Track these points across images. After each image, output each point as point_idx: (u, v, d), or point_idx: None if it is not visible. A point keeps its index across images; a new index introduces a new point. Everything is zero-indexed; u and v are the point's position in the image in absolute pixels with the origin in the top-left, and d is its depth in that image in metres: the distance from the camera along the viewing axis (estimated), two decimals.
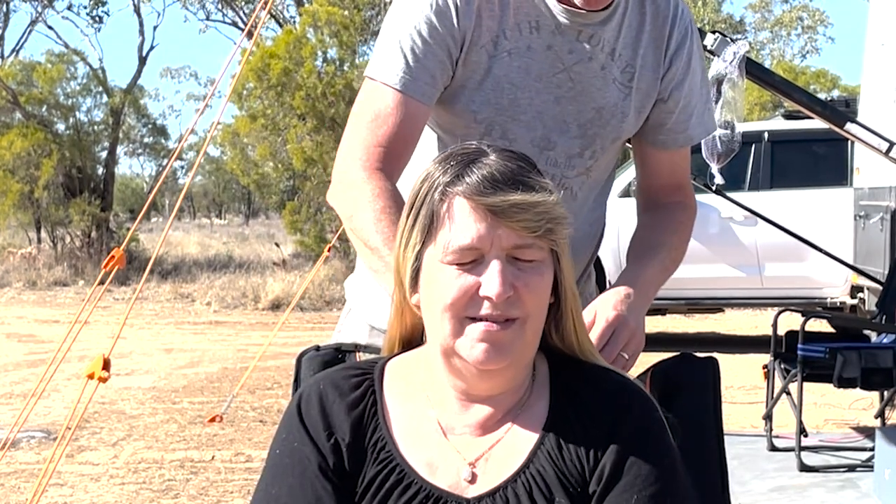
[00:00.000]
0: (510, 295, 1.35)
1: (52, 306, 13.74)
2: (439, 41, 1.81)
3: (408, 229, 1.42)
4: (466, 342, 1.37)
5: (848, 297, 9.45)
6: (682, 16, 1.95)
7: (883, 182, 7.73)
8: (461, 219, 1.37)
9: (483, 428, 1.43)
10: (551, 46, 1.87)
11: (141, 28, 20.69)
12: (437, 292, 1.38)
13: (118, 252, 4.73)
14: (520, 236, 1.36)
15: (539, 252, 1.38)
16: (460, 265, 1.36)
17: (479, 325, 1.36)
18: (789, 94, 4.67)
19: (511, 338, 1.37)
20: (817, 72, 24.16)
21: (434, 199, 1.39)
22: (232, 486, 5.23)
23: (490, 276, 1.35)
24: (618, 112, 1.92)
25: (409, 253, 1.42)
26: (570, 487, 1.39)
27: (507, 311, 1.36)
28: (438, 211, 1.38)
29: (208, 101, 7.15)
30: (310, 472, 1.41)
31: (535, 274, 1.38)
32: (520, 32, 1.86)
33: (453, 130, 1.91)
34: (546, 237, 1.38)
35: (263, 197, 20.35)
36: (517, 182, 1.37)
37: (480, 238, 1.36)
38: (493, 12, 1.84)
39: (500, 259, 1.36)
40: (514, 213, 1.35)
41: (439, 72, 1.83)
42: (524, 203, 1.35)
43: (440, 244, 1.38)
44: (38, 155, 17.25)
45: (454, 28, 1.82)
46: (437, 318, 1.38)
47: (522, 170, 1.39)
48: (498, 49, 1.85)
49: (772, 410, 5.51)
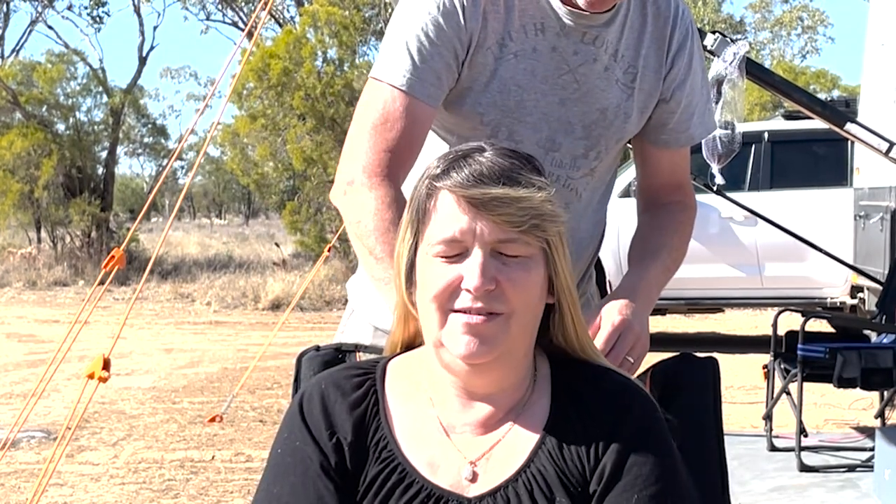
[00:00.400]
0: (491, 288, 1.36)
1: (52, 306, 13.74)
2: (446, 42, 1.81)
3: (404, 227, 1.44)
4: (450, 334, 1.38)
5: (848, 297, 9.45)
6: (683, 16, 1.96)
7: (883, 182, 7.73)
8: (445, 212, 1.39)
9: (484, 427, 1.43)
10: (556, 48, 1.87)
11: (141, 28, 20.71)
12: (425, 285, 1.40)
13: (118, 252, 4.73)
14: (502, 230, 1.37)
15: (525, 248, 1.39)
16: (446, 258, 1.38)
17: (462, 318, 1.37)
18: (789, 94, 4.67)
19: (494, 331, 1.37)
20: (817, 72, 24.16)
21: (422, 194, 1.41)
22: (232, 486, 5.23)
23: (471, 267, 1.37)
24: (621, 113, 1.92)
25: (404, 249, 1.44)
26: (571, 487, 1.39)
27: (489, 305, 1.37)
28: (426, 205, 1.41)
29: (208, 101, 7.15)
30: (311, 471, 1.41)
31: (521, 269, 1.38)
32: (525, 34, 1.86)
33: (459, 132, 1.91)
34: (532, 233, 1.38)
35: (263, 197, 20.33)
36: (502, 177, 1.38)
37: (462, 231, 1.37)
38: (498, 14, 1.84)
39: (484, 252, 1.37)
40: (495, 206, 1.37)
41: (445, 73, 1.83)
42: (505, 197, 1.37)
43: (427, 238, 1.40)
44: (38, 155, 17.25)
45: (461, 30, 1.82)
46: (427, 311, 1.40)
47: (514, 166, 1.40)
48: (504, 51, 1.85)
49: (772, 410, 5.51)
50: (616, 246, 9.50)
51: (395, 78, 1.81)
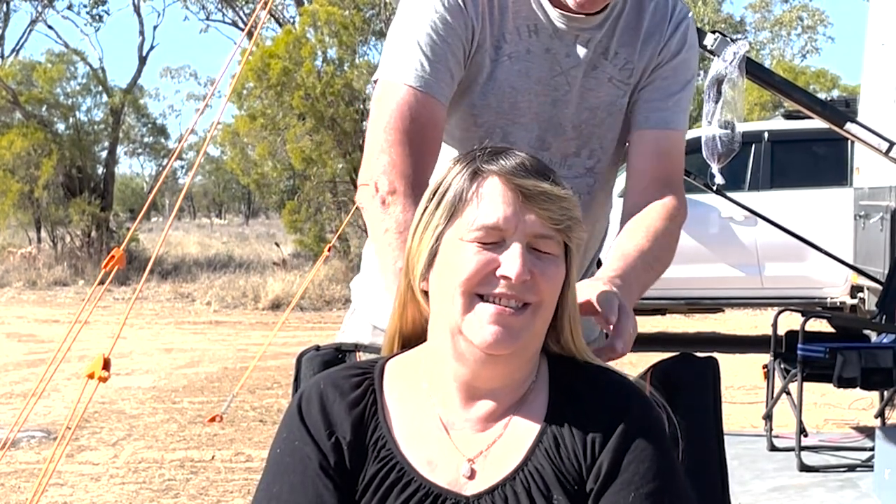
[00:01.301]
0: (527, 279, 1.38)
1: (52, 306, 13.74)
2: (455, 39, 1.81)
3: (428, 213, 1.44)
4: (475, 323, 1.38)
5: (848, 296, 9.45)
6: (680, 11, 1.96)
7: (883, 182, 7.74)
8: (491, 197, 1.40)
9: (483, 424, 1.44)
10: (549, 50, 1.88)
11: (141, 28, 20.72)
12: (453, 269, 1.40)
13: (118, 252, 4.73)
14: (543, 225, 1.40)
15: (556, 247, 1.41)
16: (482, 244, 1.39)
17: (491, 307, 1.38)
18: (789, 93, 4.67)
19: (523, 323, 1.39)
20: (817, 72, 24.15)
21: (464, 179, 1.42)
22: (232, 486, 5.23)
23: (511, 256, 1.38)
24: (614, 110, 1.93)
25: (427, 235, 1.43)
26: (568, 485, 1.40)
27: (522, 295, 1.38)
28: (467, 190, 1.41)
29: (208, 101, 7.15)
30: (311, 470, 1.42)
31: (552, 265, 1.41)
32: (519, 36, 1.87)
33: (452, 132, 1.91)
34: (566, 233, 1.42)
35: (263, 197, 20.33)
36: (548, 174, 1.42)
37: (507, 219, 1.39)
38: (493, 16, 1.85)
39: (521, 243, 1.39)
40: (543, 200, 1.39)
41: (456, 71, 1.83)
42: (553, 193, 1.40)
43: (465, 221, 1.40)
44: (38, 155, 17.26)
45: (466, 26, 1.82)
46: (449, 296, 1.40)
47: (549, 168, 1.45)
48: (499, 53, 1.86)
49: (772, 410, 5.51)
50: None
51: (410, 77, 1.79)
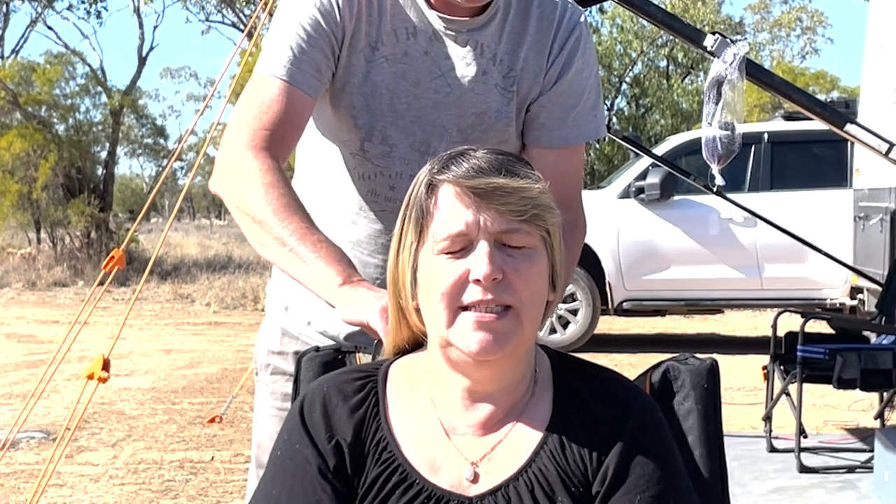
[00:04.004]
0: (498, 277, 1.37)
1: (51, 307, 13.74)
2: (324, 36, 1.84)
3: (404, 233, 1.44)
4: (461, 332, 1.38)
5: (847, 298, 9.46)
6: (570, 18, 1.94)
7: (882, 183, 7.74)
8: (448, 206, 1.40)
9: (485, 428, 1.44)
10: (428, 52, 1.89)
11: (141, 28, 20.73)
12: (431, 285, 1.40)
13: (118, 253, 4.73)
14: (506, 220, 1.38)
15: (528, 238, 1.40)
16: (451, 254, 1.39)
17: (472, 315, 1.37)
18: (789, 95, 4.67)
19: (507, 327, 1.38)
20: (817, 73, 24.19)
21: (422, 193, 1.42)
22: (231, 487, 5.23)
23: (478, 258, 1.37)
24: (502, 117, 1.92)
25: (404, 255, 1.44)
26: (573, 487, 1.39)
27: (498, 297, 1.37)
28: (427, 205, 1.41)
29: (208, 101, 7.16)
30: (310, 474, 1.42)
31: (525, 260, 1.39)
32: (396, 38, 1.88)
33: (338, 135, 1.93)
34: (533, 222, 1.40)
35: None
36: (501, 169, 1.40)
37: (467, 223, 1.38)
38: (371, 17, 1.87)
39: (489, 243, 1.38)
40: (499, 196, 1.38)
41: (324, 66, 1.85)
42: (507, 186, 1.38)
43: (430, 236, 1.40)
44: (38, 155, 17.27)
45: (336, 25, 1.85)
46: (434, 310, 1.40)
47: (508, 160, 1.43)
48: (375, 55, 1.88)
49: (771, 411, 5.51)
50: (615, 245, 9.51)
51: (276, 69, 1.83)
